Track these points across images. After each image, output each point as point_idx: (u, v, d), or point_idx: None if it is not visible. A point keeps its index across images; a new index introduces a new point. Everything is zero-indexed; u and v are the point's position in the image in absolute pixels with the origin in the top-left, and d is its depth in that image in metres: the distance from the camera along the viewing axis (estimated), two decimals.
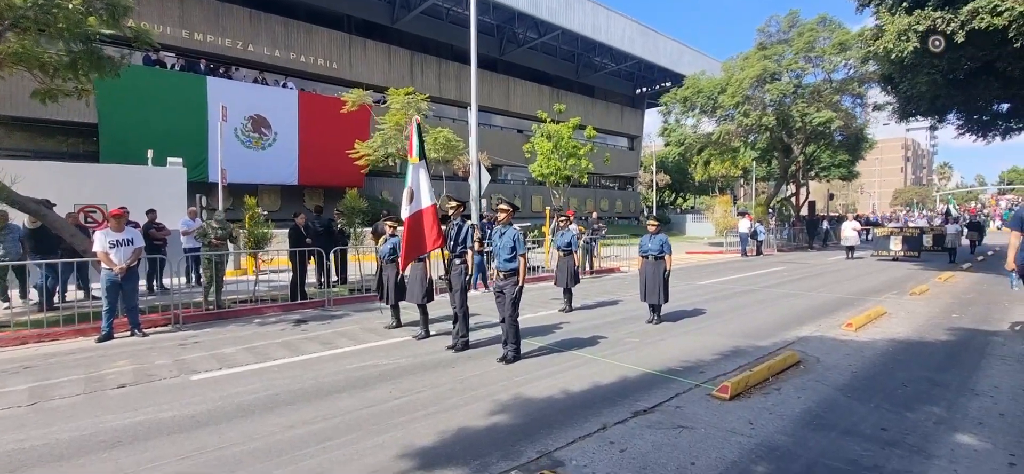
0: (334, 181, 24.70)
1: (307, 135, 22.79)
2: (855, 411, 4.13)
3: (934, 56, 11.74)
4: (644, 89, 42.33)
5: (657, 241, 7.85)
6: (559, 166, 22.29)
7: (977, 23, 9.61)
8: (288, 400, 4.60)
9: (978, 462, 3.25)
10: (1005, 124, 19.23)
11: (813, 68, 21.92)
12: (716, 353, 5.99)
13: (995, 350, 5.96)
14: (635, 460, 3.34)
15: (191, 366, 5.74)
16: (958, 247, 18.80)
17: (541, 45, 33.65)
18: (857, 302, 9.42)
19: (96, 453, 3.58)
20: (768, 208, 25.24)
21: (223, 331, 7.64)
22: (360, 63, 26.52)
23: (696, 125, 25.27)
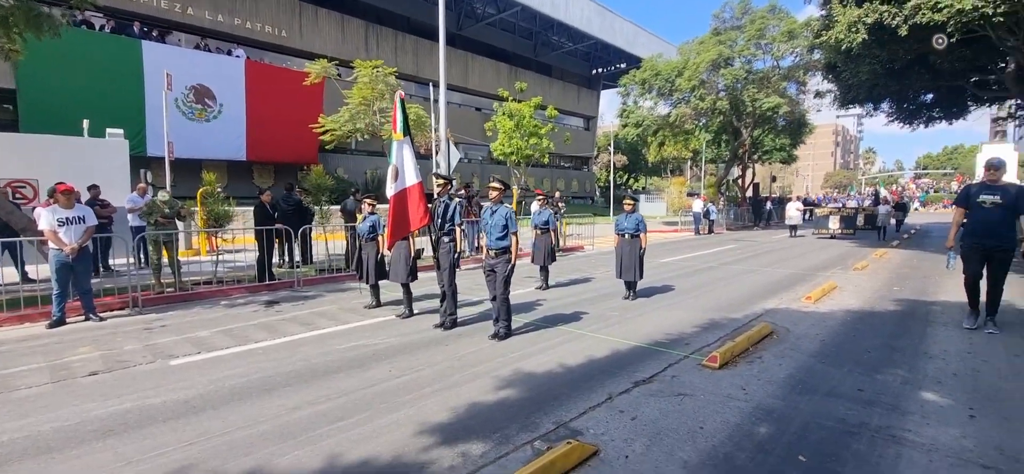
0: (286, 157, 23.66)
1: (256, 108, 21.57)
2: (832, 376, 4.50)
3: (876, 48, 12.58)
4: (600, 70, 42.83)
5: (633, 219, 8.09)
6: (521, 145, 22.28)
7: (919, 18, 10.38)
8: (284, 382, 4.47)
9: (945, 416, 3.65)
10: (928, 113, 20.97)
11: (763, 55, 22.94)
12: (695, 326, 6.31)
13: (937, 318, 6.61)
14: (648, 426, 3.51)
15: (166, 351, 5.45)
16: (887, 226, 20.47)
17: (499, 21, 33.27)
18: (809, 277, 10.11)
19: (89, 443, 3.37)
20: (719, 189, 26.42)
21: (189, 314, 7.26)
22: (311, 32, 25.27)
23: (653, 107, 25.92)
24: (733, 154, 27.11)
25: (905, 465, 2.99)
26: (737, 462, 3.04)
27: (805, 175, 78.72)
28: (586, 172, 45.09)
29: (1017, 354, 5.06)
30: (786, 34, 21.77)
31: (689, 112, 23.75)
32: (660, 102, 25.48)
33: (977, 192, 5.72)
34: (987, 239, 5.62)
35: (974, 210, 5.72)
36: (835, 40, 12.22)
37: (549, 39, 36.80)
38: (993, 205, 5.55)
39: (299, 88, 22.71)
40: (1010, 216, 5.54)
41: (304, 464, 3.06)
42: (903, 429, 3.44)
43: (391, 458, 3.11)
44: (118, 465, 3.08)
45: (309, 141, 23.91)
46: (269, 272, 9.28)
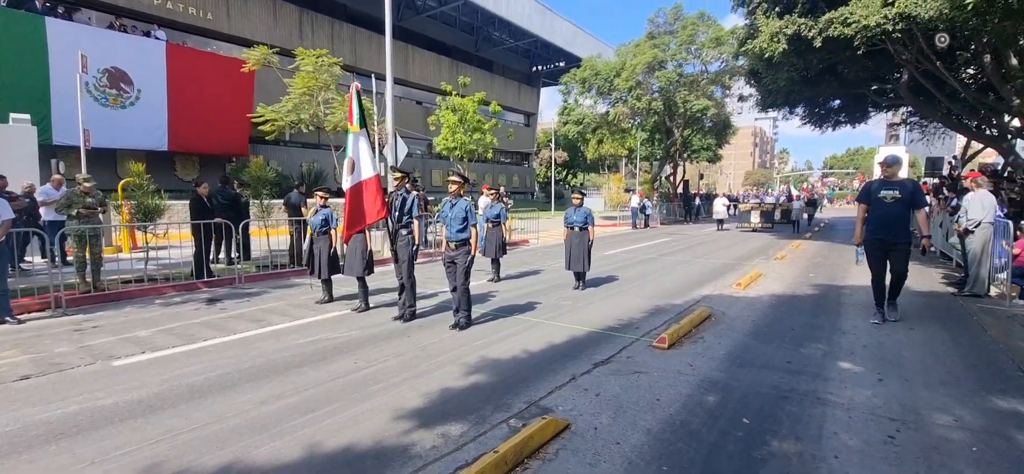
0: (212, 148, 22.28)
1: (178, 95, 20.11)
2: (764, 351, 5.03)
3: (794, 57, 13.78)
4: (540, 67, 43.51)
5: (582, 213, 8.46)
6: (464, 140, 22.33)
7: (831, 31, 11.52)
8: (245, 378, 4.38)
9: (858, 380, 4.22)
10: (836, 117, 23.16)
11: (693, 59, 24.36)
12: (642, 311, 6.75)
13: (847, 300, 7.47)
14: (610, 401, 3.80)
15: (105, 352, 5.13)
16: (800, 220, 22.44)
17: (441, 14, 32.98)
18: (737, 266, 10.99)
19: (41, 447, 3.18)
20: (653, 186, 27.77)
21: (121, 314, 6.81)
22: (239, 16, 23.86)
23: (593, 105, 26.78)
24: (666, 152, 28.60)
25: (829, 422, 3.46)
26: (692, 427, 3.39)
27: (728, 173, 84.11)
28: (527, 168, 45.73)
29: (912, 328, 5.87)
30: (714, 41, 23.27)
31: (626, 111, 24.79)
32: (599, 101, 26.38)
33: (877, 188, 5.89)
34: (886, 233, 5.82)
35: (875, 205, 5.88)
36: (759, 48, 13.26)
37: (490, 35, 36.92)
38: (892, 200, 5.73)
39: (227, 75, 21.45)
40: (907, 210, 5.76)
41: (283, 454, 3.07)
42: (826, 392, 3.96)
43: (372, 443, 3.19)
44: (80, 466, 2.95)
45: (238, 132, 22.70)
46: (207, 269, 8.83)
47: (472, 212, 5.93)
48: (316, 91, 10.60)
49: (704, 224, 25.88)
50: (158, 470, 2.91)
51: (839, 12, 11.70)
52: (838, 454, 3.03)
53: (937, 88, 14.91)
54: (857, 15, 11.16)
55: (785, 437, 3.25)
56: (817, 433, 3.30)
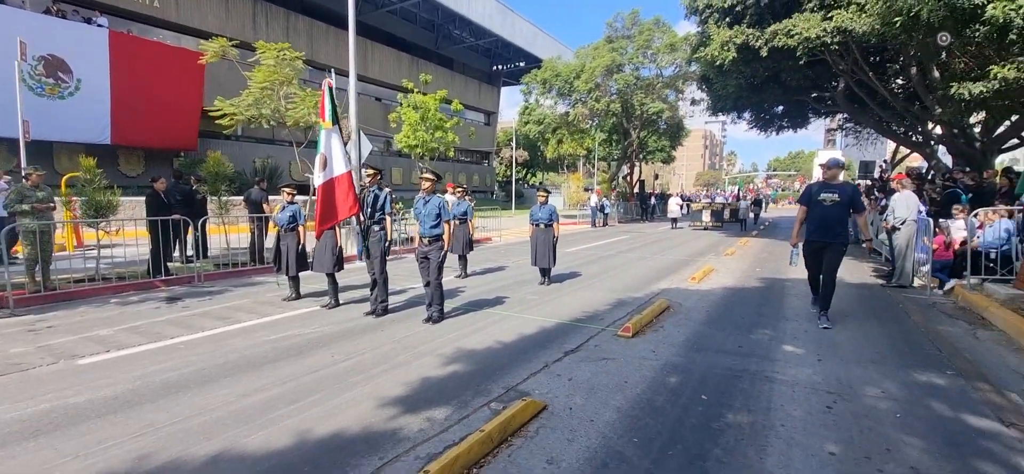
0: (159, 142, 21.30)
1: (122, 85, 19.12)
2: (718, 337, 5.45)
3: (743, 65, 14.62)
4: (500, 66, 43.74)
5: (546, 211, 8.76)
6: (426, 138, 22.27)
7: (776, 41, 12.34)
8: (221, 373, 4.39)
9: (800, 360, 4.69)
10: (780, 123, 24.56)
11: (649, 63, 25.24)
12: (606, 304, 7.10)
13: (789, 291, 8.10)
14: (583, 384, 4.08)
15: (66, 351, 4.98)
16: (747, 219, 23.70)
17: (401, 10, 32.64)
18: (691, 262, 11.60)
19: (19, 443, 3.15)
20: (611, 185, 28.57)
21: (76, 314, 6.56)
22: (188, 4, 22.86)
23: (553, 106, 27.25)
24: (623, 153, 29.45)
25: (776, 396, 3.87)
26: (657, 404, 3.72)
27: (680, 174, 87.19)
28: (487, 167, 45.87)
29: (846, 315, 6.47)
30: (668, 46, 24.21)
31: (586, 112, 25.39)
32: (560, 101, 26.88)
33: (818, 191, 5.91)
34: (823, 236, 5.84)
35: (815, 208, 5.89)
36: (711, 56, 14.00)
37: (451, 33, 36.82)
38: (832, 203, 5.75)
39: (176, 66, 20.56)
40: (846, 213, 5.82)
41: (274, 442, 3.17)
42: (773, 372, 4.39)
43: (360, 429, 3.33)
44: (63, 460, 2.95)
45: (187, 125, 21.79)
46: (165, 267, 8.57)
47: (445, 208, 6.09)
48: (277, 86, 10.39)
49: (659, 223, 26.87)
50: (148, 461, 2.95)
51: (783, 24, 12.54)
52: (784, 423, 3.42)
53: (870, 97, 16.15)
54: (799, 28, 12.01)
55: (739, 410, 3.62)
56: (766, 406, 3.69)
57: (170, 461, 2.94)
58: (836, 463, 2.93)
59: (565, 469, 2.85)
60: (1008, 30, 7.80)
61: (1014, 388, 4.06)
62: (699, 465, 2.90)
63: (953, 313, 6.66)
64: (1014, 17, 7.45)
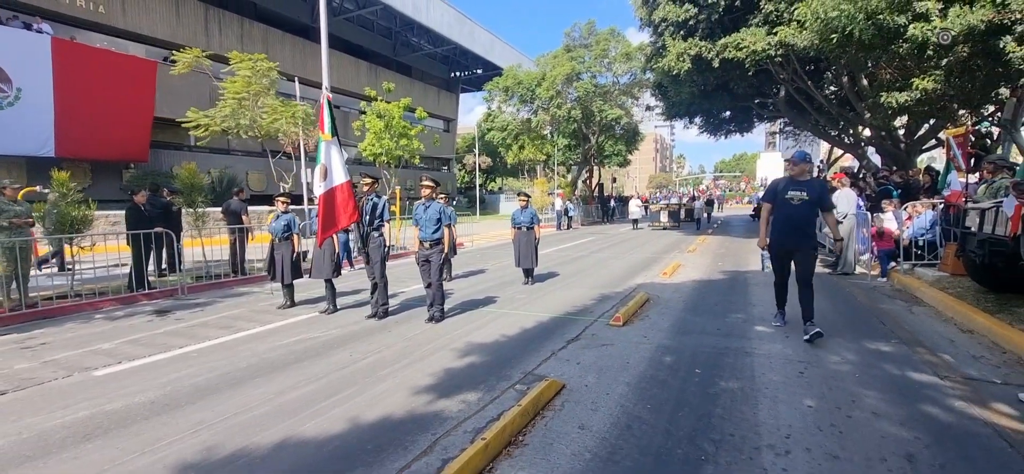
0: (107, 154, 20.36)
1: (67, 95, 18.21)
2: (698, 322, 6.09)
3: (696, 74, 15.70)
4: (458, 74, 44.04)
5: (528, 214, 9.25)
6: (391, 146, 22.32)
7: (727, 54, 13.42)
8: (249, 375, 4.59)
9: (771, 338, 5.36)
10: (727, 127, 26.21)
11: (605, 71, 26.33)
12: (591, 299, 7.65)
13: (751, 281, 8.93)
14: (591, 367, 4.57)
15: (75, 364, 5.02)
16: (702, 218, 25.10)
17: (358, 18, 32.41)
18: (658, 259, 12.39)
19: (77, 446, 3.30)
20: (573, 189, 29.48)
21: (64, 330, 6.48)
22: (137, 11, 21.99)
23: (516, 112, 27.87)
24: (583, 157, 30.44)
25: (757, 367, 4.48)
26: (660, 378, 4.25)
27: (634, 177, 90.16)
28: (447, 173, 45.96)
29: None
30: (624, 55, 25.37)
31: (548, 118, 26.16)
32: (522, 108, 27.53)
33: (784, 188, 5.39)
34: (791, 237, 5.34)
35: (781, 206, 5.37)
36: (668, 66, 14.97)
37: (409, 40, 36.84)
38: (800, 201, 5.25)
39: (125, 75, 19.76)
40: (814, 212, 5.42)
41: (329, 428, 3.47)
42: (751, 348, 5.03)
43: (405, 413, 3.68)
44: (131, 456, 3.14)
45: (138, 136, 20.92)
46: (146, 281, 8.46)
47: (445, 213, 6.46)
48: (252, 97, 10.38)
49: (620, 224, 27.97)
50: (216, 452, 3.19)
51: (733, 38, 13.64)
52: (767, 386, 4.03)
53: (808, 103, 17.66)
54: (747, 42, 13.12)
55: (729, 379, 4.20)
56: (751, 374, 4.30)
57: (238, 450, 3.20)
58: (814, 413, 3.54)
59: (596, 432, 3.32)
60: (925, 47, 8.97)
61: (945, 350, 4.86)
62: (706, 421, 3.43)
63: (891, 294, 7.62)
64: (930, 36, 8.60)
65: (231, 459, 3.09)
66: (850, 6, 9.50)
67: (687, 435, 3.24)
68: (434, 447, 3.14)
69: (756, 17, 13.63)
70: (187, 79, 21.84)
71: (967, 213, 6.62)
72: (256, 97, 10.33)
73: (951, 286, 6.97)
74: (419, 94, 38.93)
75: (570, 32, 26.65)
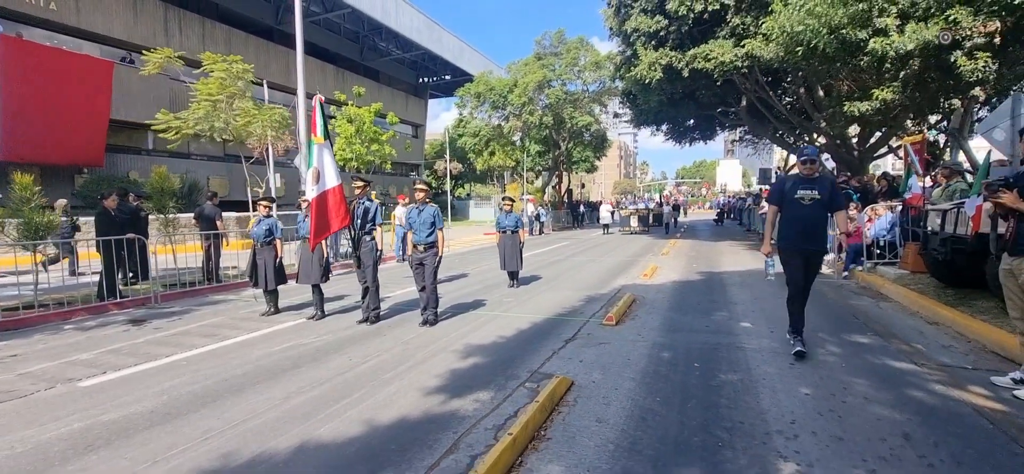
0: (58, 158, 19.24)
1: (14, 95, 17.18)
2: (686, 320, 6.32)
3: (666, 83, 16.19)
4: (426, 79, 43.85)
5: (512, 218, 9.34)
6: (362, 151, 22.05)
7: (696, 64, 13.94)
8: (247, 382, 4.48)
9: (757, 333, 5.63)
10: (692, 135, 27.08)
11: (576, 79, 26.81)
12: (579, 300, 7.80)
13: (728, 281, 9.29)
14: (594, 364, 4.69)
15: (56, 376, 4.77)
16: (670, 223, 25.81)
17: (325, 21, 31.87)
18: (635, 262, 12.70)
19: (81, 458, 3.16)
20: (544, 195, 29.78)
21: (34, 342, 6.13)
22: (91, 9, 20.95)
23: (488, 118, 28.00)
24: (554, 163, 30.82)
25: (750, 359, 4.71)
26: (662, 373, 4.41)
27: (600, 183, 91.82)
28: (416, 179, 45.57)
29: (778, 296, 7.53)
30: (593, 64, 25.93)
31: (519, 124, 26.41)
32: (494, 114, 27.69)
33: (793, 187, 4.79)
34: (807, 242, 4.77)
35: (791, 207, 4.77)
36: (640, 74, 15.39)
37: (376, 44, 36.46)
38: (812, 201, 4.68)
39: (78, 75, 18.80)
40: (826, 214, 4.88)
41: (346, 432, 3.44)
42: (740, 343, 5.27)
43: (421, 414, 3.68)
44: (142, 466, 3.03)
45: (92, 140, 19.92)
46: (117, 290, 8.07)
47: (439, 217, 6.47)
48: (225, 100, 10.09)
49: (590, 229, 28.42)
50: (233, 458, 3.12)
51: (701, 49, 14.18)
52: (764, 377, 4.24)
53: (768, 111, 18.50)
54: (715, 53, 13.68)
55: (727, 371, 4.40)
56: (746, 366, 4.51)
57: (256, 456, 3.13)
58: (812, 400, 3.76)
59: (613, 424, 3.42)
60: (884, 61, 9.62)
61: (916, 341, 5.23)
62: (714, 411, 3.60)
63: (858, 291, 8.10)
64: (888, 50, 9.23)
65: (251, 464, 3.03)
66: (815, 21, 10.07)
67: (700, 424, 3.39)
68: (459, 445, 3.18)
69: (723, 30, 14.22)
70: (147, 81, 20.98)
71: (928, 214, 7.12)
72: (231, 100, 10.03)
73: (912, 282, 7.47)
74: (387, 99, 38.51)
75: (541, 40, 27.06)
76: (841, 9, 9.77)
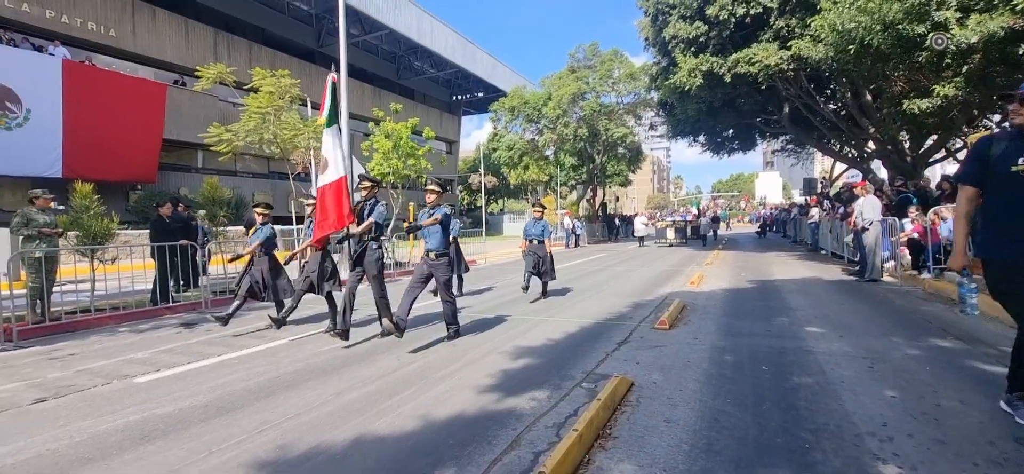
0: (116, 175, 20.21)
1: (76, 117, 18.21)
2: (744, 325, 5.99)
3: (706, 90, 15.83)
4: (460, 96, 44.47)
5: (540, 226, 9.02)
6: (398, 165, 22.38)
7: (739, 68, 13.59)
8: (300, 379, 4.44)
9: (826, 337, 5.26)
10: (730, 145, 26.44)
11: (610, 91, 26.65)
12: (625, 306, 7.54)
13: (783, 288, 8.85)
14: (652, 366, 4.45)
15: (112, 373, 4.85)
16: (708, 235, 25.08)
17: (363, 43, 32.81)
18: (678, 272, 12.30)
19: (137, 447, 3.15)
20: (578, 208, 29.54)
21: (90, 343, 6.29)
22: (147, 34, 22.15)
23: (522, 132, 28.10)
24: (589, 176, 30.59)
25: (822, 363, 4.38)
26: (727, 375, 4.13)
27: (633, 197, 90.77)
28: (449, 194, 46.03)
29: (842, 303, 7.22)
30: (628, 76, 25.73)
31: (554, 137, 26.36)
32: (528, 127, 27.76)
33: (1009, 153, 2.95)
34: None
35: (1006, 185, 2.96)
36: (679, 82, 15.11)
37: (412, 64, 37.26)
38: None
39: (134, 97, 19.85)
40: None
41: (401, 426, 3.32)
42: (809, 347, 4.92)
43: (477, 411, 3.54)
44: (200, 457, 2.99)
45: (146, 157, 20.92)
46: (170, 295, 8.30)
47: (452, 222, 6.04)
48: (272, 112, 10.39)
49: (625, 242, 27.92)
50: (290, 450, 3.04)
51: (744, 53, 13.82)
52: (842, 380, 3.92)
53: (813, 117, 17.84)
54: (759, 56, 13.30)
55: (800, 374, 4.09)
56: (819, 370, 4.19)
57: (312, 448, 3.05)
58: (900, 403, 3.43)
59: (683, 425, 3.19)
60: (944, 56, 9.10)
61: (1006, 345, 4.76)
62: (793, 413, 3.32)
63: (926, 298, 7.55)
64: (949, 45, 8.73)
65: (308, 455, 2.95)
66: (867, 18, 9.65)
67: (780, 426, 3.12)
68: (520, 441, 3.01)
69: (766, 33, 13.84)
70: (197, 102, 22.00)
71: None
72: (278, 113, 10.32)
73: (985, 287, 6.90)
74: (422, 116, 38.98)
75: (574, 53, 27.09)
76: (896, 4, 9.33)
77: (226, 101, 22.64)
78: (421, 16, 32.87)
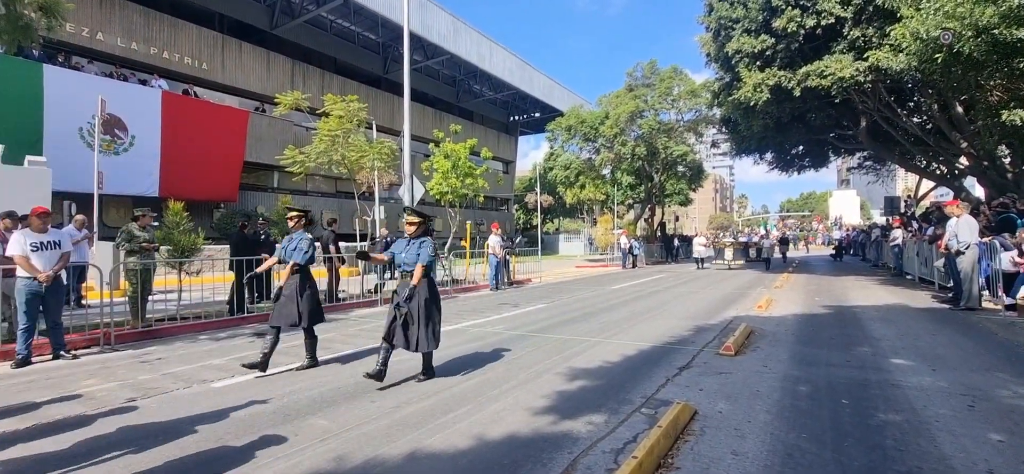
0: (203, 194, 22.02)
1: (172, 142, 20.06)
2: (820, 354, 5.56)
3: (773, 105, 15.12)
4: (517, 117, 45.11)
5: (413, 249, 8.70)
6: (457, 185, 22.91)
7: (809, 82, 12.89)
8: (360, 392, 4.55)
9: (916, 371, 4.78)
10: (800, 163, 25.08)
11: (669, 108, 26.09)
12: (686, 329, 7.22)
13: (862, 315, 8.17)
14: (716, 393, 4.21)
15: (193, 377, 5.20)
16: (771, 257, 23.67)
17: (425, 68, 34.12)
18: (743, 295, 11.68)
19: (208, 448, 3.32)
20: (636, 227, 28.92)
21: (175, 349, 6.78)
22: (234, 66, 24.18)
23: (579, 151, 28.03)
24: (647, 195, 29.94)
25: (913, 399, 3.97)
26: (802, 407, 3.83)
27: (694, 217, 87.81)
28: (506, 213, 46.50)
29: (934, 334, 6.55)
30: (689, 92, 25.10)
31: (611, 156, 26.08)
32: (585, 146, 27.66)
33: None
34: None
35: None
36: (744, 97, 14.53)
37: (471, 87, 38.32)
38: None
39: (221, 123, 21.64)
40: None
41: (456, 443, 3.32)
42: (896, 380, 4.49)
43: (530, 432, 3.48)
44: (265, 462, 3.11)
45: (229, 178, 22.67)
46: (244, 305, 8.84)
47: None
48: (342, 135, 11.00)
49: (684, 264, 26.94)
50: (346, 461, 3.10)
51: (815, 66, 13.12)
52: (937, 419, 3.53)
53: (894, 132, 16.56)
54: (832, 68, 12.56)
55: (886, 411, 3.73)
56: (909, 407, 3.80)
57: (368, 460, 3.10)
58: (1008, 447, 3.04)
59: (752, 458, 2.98)
60: None
61: None
62: (880, 452, 3.02)
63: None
64: None
65: (364, 468, 3.00)
66: (956, 23, 8.89)
67: (865, 466, 2.84)
68: (575, 466, 2.92)
69: (840, 44, 13.08)
70: (274, 127, 23.63)
71: None
72: (347, 135, 10.91)
73: None
74: (480, 137, 39.93)
75: (632, 72, 26.80)
76: (990, 7, 8.55)
77: (300, 126, 24.19)
78: (480, 40, 33.81)
